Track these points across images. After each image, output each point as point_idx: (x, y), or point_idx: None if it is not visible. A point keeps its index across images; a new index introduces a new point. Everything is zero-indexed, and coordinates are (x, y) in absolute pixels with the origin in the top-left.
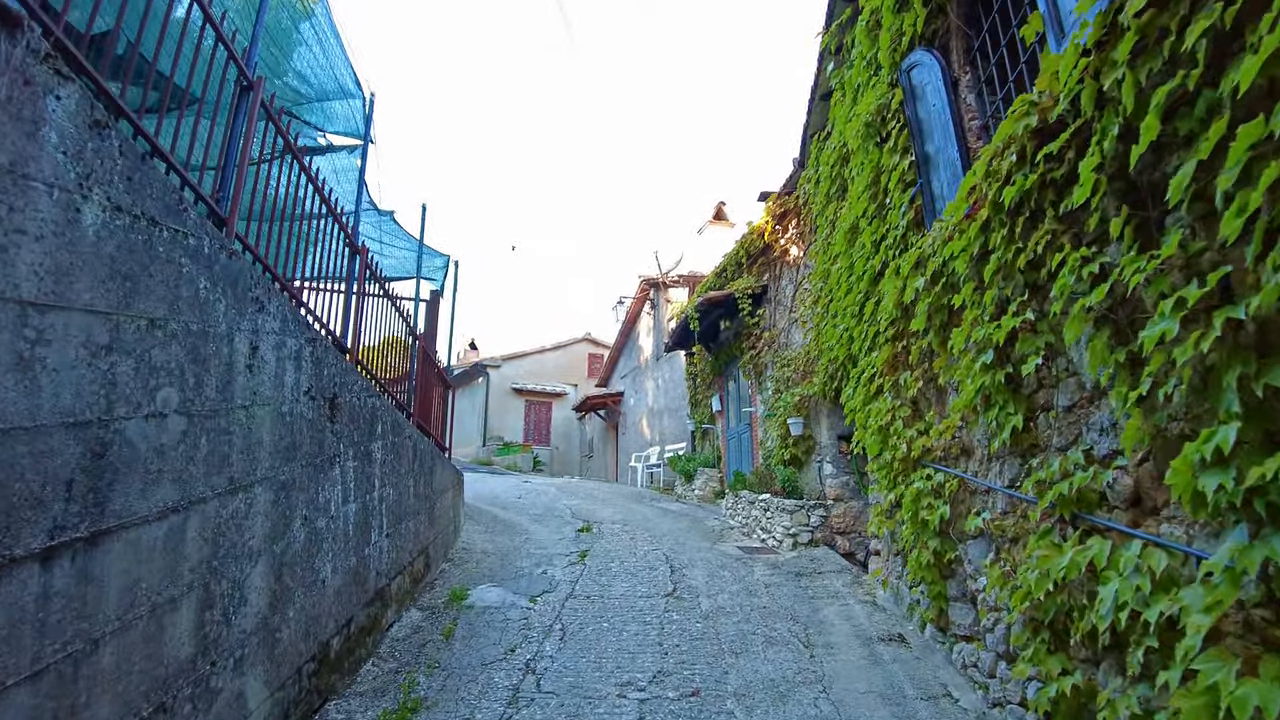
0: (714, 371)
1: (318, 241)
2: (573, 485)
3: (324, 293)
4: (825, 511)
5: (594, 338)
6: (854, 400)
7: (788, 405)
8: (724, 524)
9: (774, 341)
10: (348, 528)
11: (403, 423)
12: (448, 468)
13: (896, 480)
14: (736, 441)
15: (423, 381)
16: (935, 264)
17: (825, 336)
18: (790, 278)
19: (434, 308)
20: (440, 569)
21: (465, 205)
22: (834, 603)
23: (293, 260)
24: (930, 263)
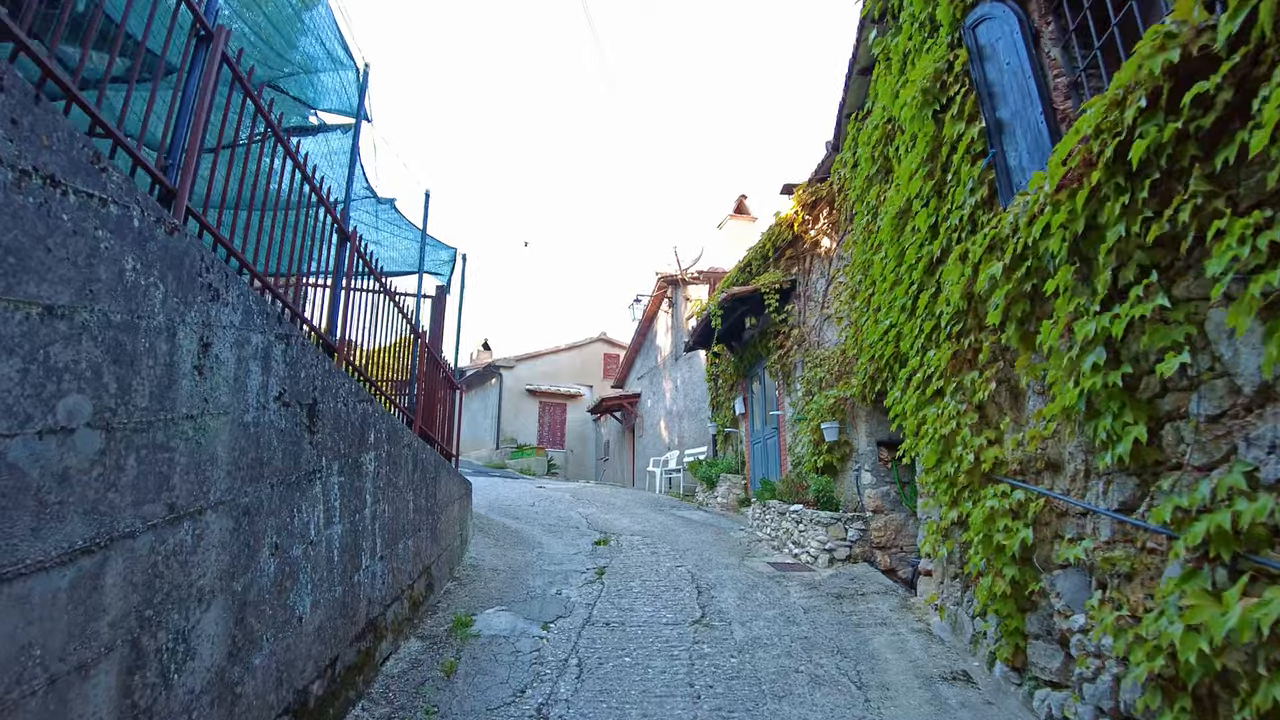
0: (737, 372)
1: (299, 225)
2: (588, 491)
3: (313, 288)
4: (864, 525)
5: (610, 338)
6: (903, 404)
7: (821, 408)
8: (751, 536)
9: (804, 340)
10: (332, 553)
11: (401, 430)
12: (454, 477)
13: (960, 496)
14: (762, 447)
15: (427, 384)
16: (1016, 246)
17: (866, 334)
18: (822, 271)
19: (440, 304)
20: (445, 589)
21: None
22: (883, 631)
23: (270, 246)
24: (1009, 245)
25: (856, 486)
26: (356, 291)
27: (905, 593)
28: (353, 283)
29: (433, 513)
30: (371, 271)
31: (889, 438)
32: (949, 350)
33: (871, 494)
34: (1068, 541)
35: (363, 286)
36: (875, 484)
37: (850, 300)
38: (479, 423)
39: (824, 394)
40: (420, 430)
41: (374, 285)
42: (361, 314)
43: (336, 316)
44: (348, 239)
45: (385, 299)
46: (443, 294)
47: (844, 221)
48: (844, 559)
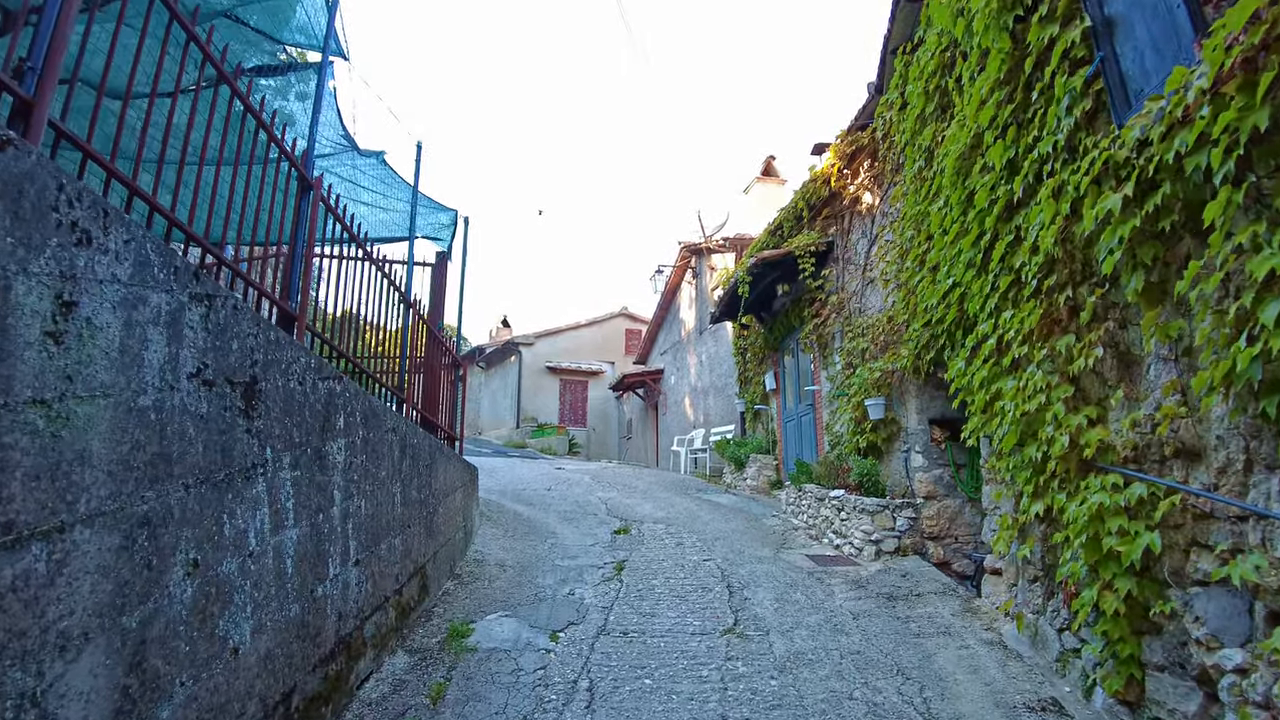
0: (767, 345)
1: (245, 169)
2: (609, 473)
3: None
4: (914, 513)
5: (631, 312)
6: (968, 376)
7: (864, 383)
8: (785, 523)
9: (843, 307)
10: (283, 565)
11: (383, 413)
12: (456, 464)
13: (1048, 486)
14: (795, 425)
15: (426, 361)
16: (1144, 169)
17: (920, 296)
18: (863, 230)
19: (440, 273)
20: (443, 590)
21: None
22: (948, 644)
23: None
24: (1132, 169)
25: (905, 470)
26: (330, 258)
27: (966, 592)
28: (321, 243)
29: (427, 505)
30: (346, 229)
31: (943, 415)
32: (1035, 310)
33: (923, 478)
34: (1216, 554)
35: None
36: (927, 467)
37: (899, 260)
38: (499, 402)
39: (868, 367)
40: (417, 413)
41: (352, 248)
42: (335, 280)
43: (296, 279)
44: (310, 187)
45: (366, 263)
46: (443, 261)
47: (889, 173)
48: (892, 551)
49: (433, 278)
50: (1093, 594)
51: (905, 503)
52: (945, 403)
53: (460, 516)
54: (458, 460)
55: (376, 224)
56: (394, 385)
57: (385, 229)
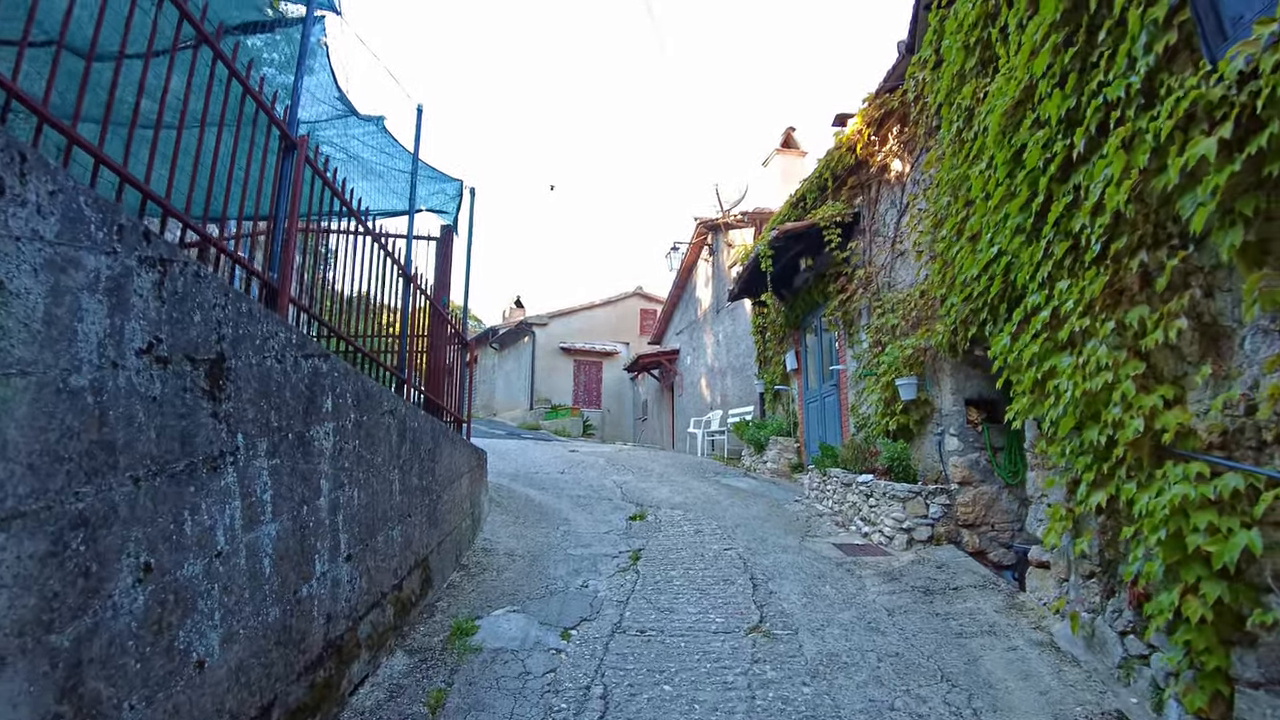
0: (788, 323)
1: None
2: (624, 455)
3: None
4: (948, 499)
5: (646, 292)
6: (1015, 352)
7: (895, 361)
8: (809, 509)
9: (870, 282)
10: (258, 565)
11: (379, 394)
12: (462, 449)
13: (1116, 473)
14: (818, 406)
15: (431, 340)
16: (1248, 106)
17: (959, 268)
18: (892, 200)
19: (445, 247)
20: (448, 583)
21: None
22: (994, 645)
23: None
24: (1230, 108)
25: (939, 453)
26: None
27: (1008, 586)
28: (310, 214)
29: (430, 492)
30: (336, 194)
31: (979, 395)
32: (1098, 279)
33: (957, 462)
34: None
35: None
36: (962, 450)
37: (933, 230)
38: (513, 383)
39: (898, 344)
40: (422, 394)
41: (346, 220)
42: (327, 252)
43: (278, 248)
44: (293, 146)
45: (362, 234)
46: (448, 235)
47: (922, 137)
48: (925, 540)
49: (438, 252)
50: (1172, 598)
51: (938, 489)
52: (982, 382)
53: (467, 503)
54: (464, 444)
55: (377, 196)
56: (394, 365)
57: (387, 201)
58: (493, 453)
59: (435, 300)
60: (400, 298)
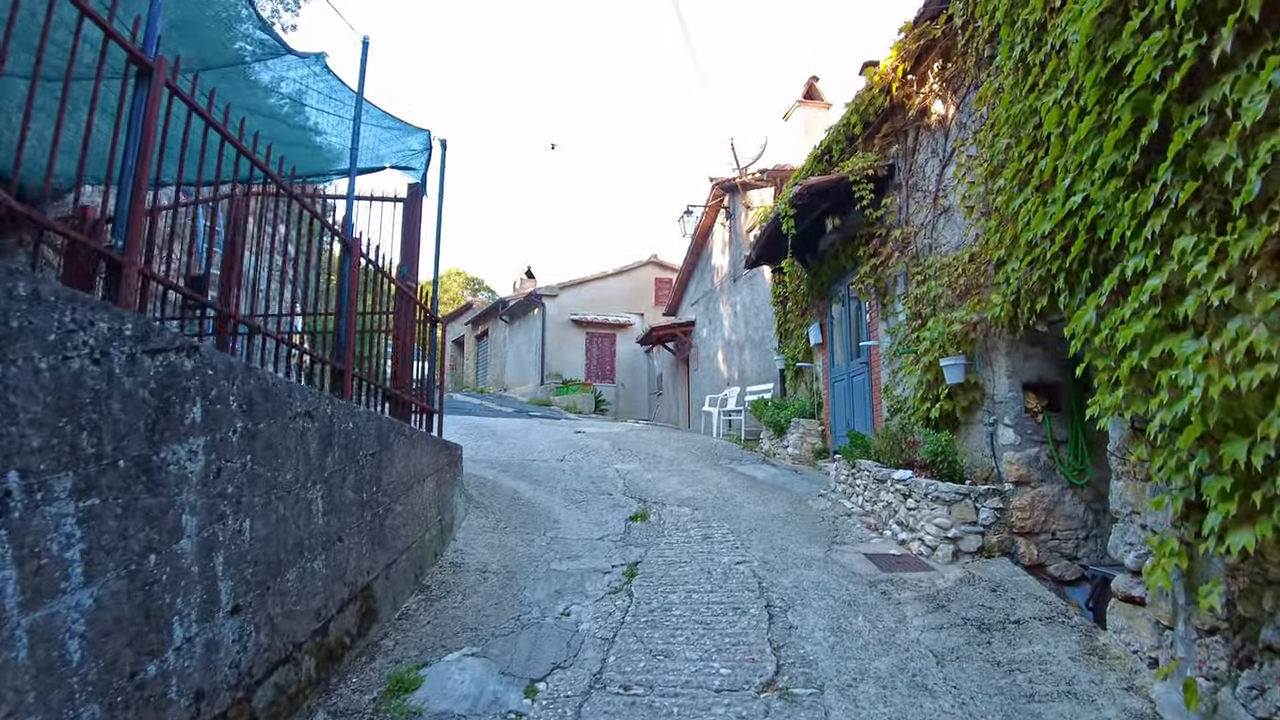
0: (812, 292)
1: None
2: (632, 437)
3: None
4: (1001, 502)
5: (661, 260)
6: (1102, 331)
7: (939, 337)
8: (835, 506)
9: (907, 244)
10: (58, 651)
11: (286, 393)
12: (427, 447)
13: (1275, 507)
14: (845, 385)
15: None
16: None
17: (1024, 223)
18: (934, 149)
19: (413, 209)
20: (401, 611)
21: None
22: (1079, 713)
23: None
24: None
25: (990, 447)
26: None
27: (1082, 620)
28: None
29: (374, 506)
30: (223, 134)
31: (1039, 378)
32: (1255, 232)
33: (1013, 458)
34: None
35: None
36: (1018, 444)
37: (986, 180)
38: (523, 357)
39: (942, 318)
40: (370, 385)
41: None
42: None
43: (125, 205)
44: (148, 70)
45: (274, 194)
46: (416, 195)
47: (971, 69)
48: (974, 552)
49: (405, 216)
50: None
51: (990, 489)
52: (1043, 363)
53: (433, 510)
54: (430, 442)
55: (326, 153)
56: (323, 352)
57: (340, 159)
58: (490, 436)
59: (406, 277)
60: (340, 269)
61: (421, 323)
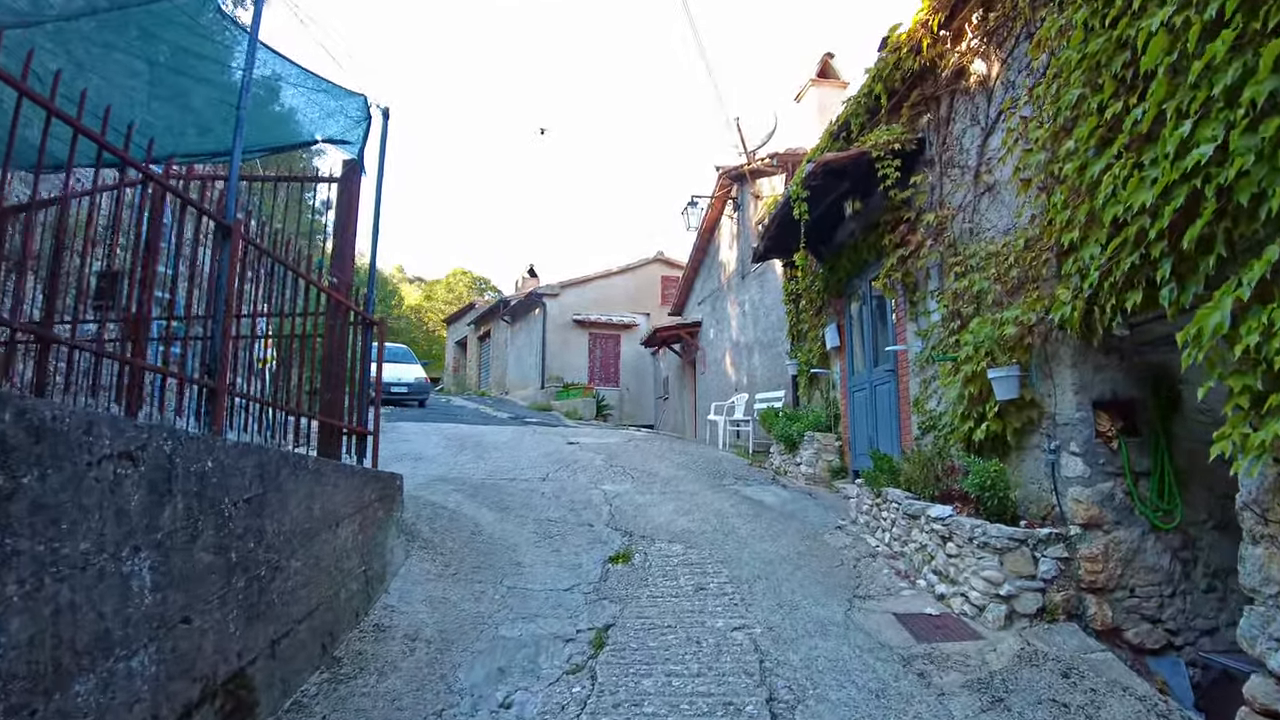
0: (828, 289)
1: None
2: (630, 450)
3: None
4: (1066, 549)
5: (667, 257)
6: (1248, 337)
7: (986, 342)
8: (856, 542)
9: (942, 230)
10: None
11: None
12: (345, 482)
13: None
14: (867, 396)
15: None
16: None
17: (1114, 194)
18: (973, 115)
19: (349, 191)
20: (295, 698)
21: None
22: None
23: None
24: None
25: (1051, 479)
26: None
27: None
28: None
29: (253, 567)
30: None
31: (1114, 395)
32: None
33: (1081, 495)
34: None
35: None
36: (1088, 477)
37: (1049, 144)
38: (524, 359)
39: (989, 319)
40: (263, 408)
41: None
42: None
43: None
44: None
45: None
46: (353, 175)
47: (1024, 10)
48: (1033, 614)
49: (340, 195)
50: None
51: (1053, 534)
52: (1120, 375)
53: (355, 558)
54: (349, 475)
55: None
56: (177, 366)
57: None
58: (472, 449)
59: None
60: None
61: (355, 325)
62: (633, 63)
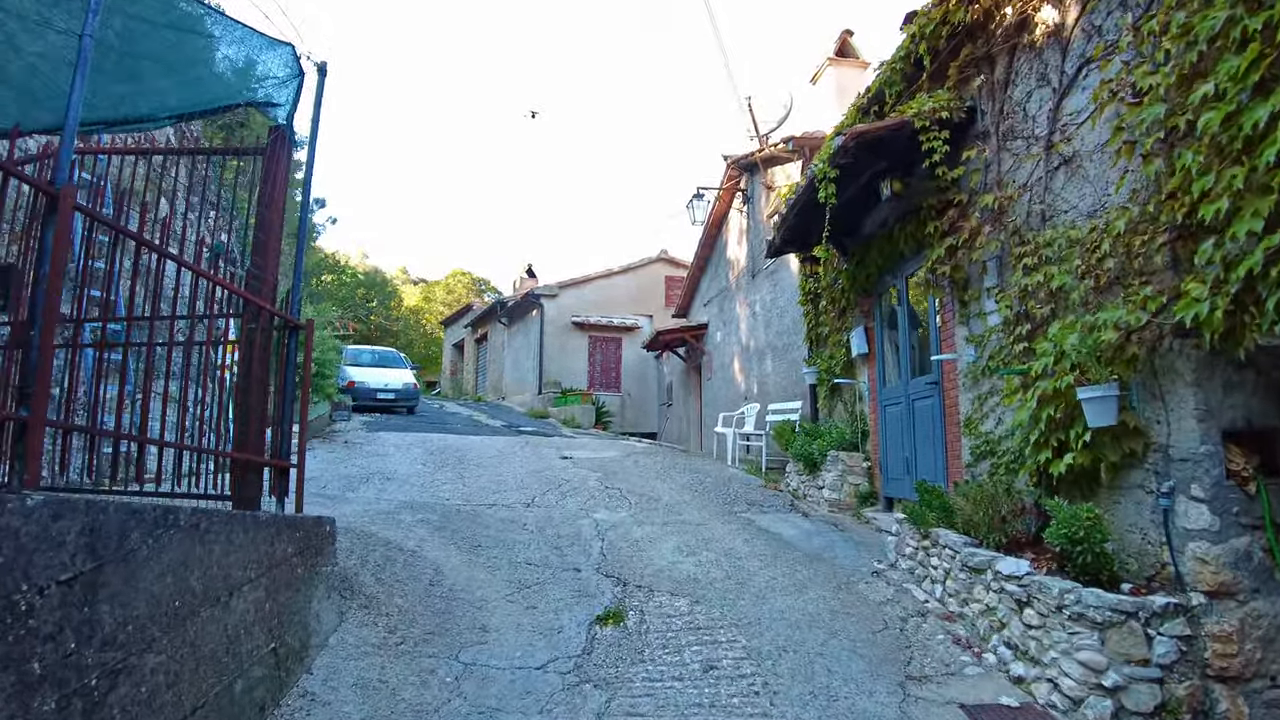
0: (854, 286)
1: None
2: (629, 466)
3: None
4: (1187, 625)
5: (671, 256)
6: None
7: (1074, 351)
8: (900, 595)
9: (1002, 213)
10: None
11: None
12: (249, 535)
13: None
14: (903, 412)
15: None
16: None
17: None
18: (1041, 75)
19: (274, 162)
20: None
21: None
22: None
23: None
24: None
25: (1164, 530)
26: None
27: None
28: None
29: (78, 675)
30: None
31: (1247, 423)
32: None
33: (1207, 553)
34: None
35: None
36: (1217, 530)
37: (1168, 92)
38: (521, 363)
39: (1075, 322)
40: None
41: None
42: None
43: None
44: None
45: None
46: (280, 146)
47: None
48: (1148, 714)
49: (264, 173)
50: None
51: (1172, 606)
52: (1257, 399)
53: (261, 635)
54: (254, 528)
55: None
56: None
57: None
58: (455, 466)
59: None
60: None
61: (280, 330)
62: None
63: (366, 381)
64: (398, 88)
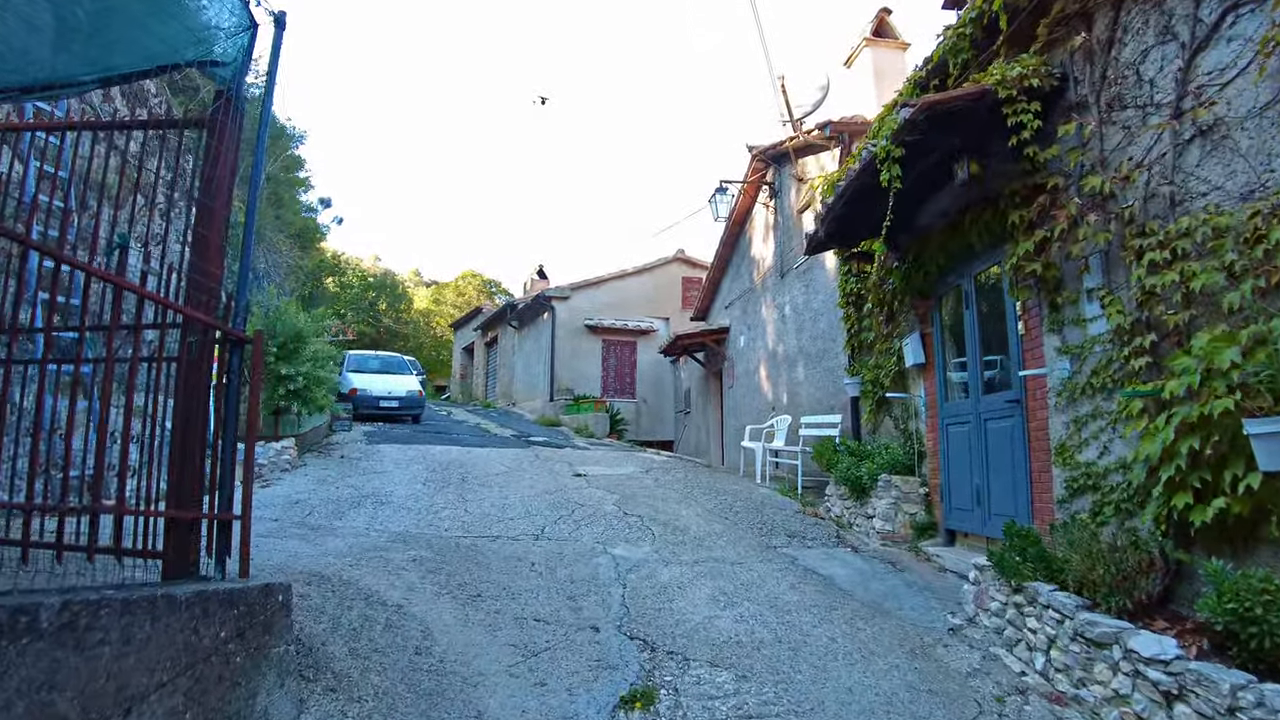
0: (909, 287)
1: None
2: (649, 485)
3: None
4: None
5: (689, 256)
6: None
7: (1239, 371)
8: (987, 663)
9: (1106, 200)
10: None
11: None
12: (171, 622)
13: None
14: (972, 433)
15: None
16: None
17: None
18: (1161, 30)
19: (220, 136)
20: None
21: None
22: None
23: None
24: None
25: None
26: None
27: None
28: None
29: None
30: None
31: None
32: None
33: None
34: None
35: None
36: None
37: None
38: (532, 368)
39: (1225, 334)
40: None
41: None
42: None
43: None
44: None
45: None
46: (227, 113)
47: None
48: None
49: (207, 142)
50: None
51: None
52: None
53: None
54: (168, 612)
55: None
56: None
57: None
58: (456, 485)
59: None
60: None
61: (222, 344)
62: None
63: (370, 389)
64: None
